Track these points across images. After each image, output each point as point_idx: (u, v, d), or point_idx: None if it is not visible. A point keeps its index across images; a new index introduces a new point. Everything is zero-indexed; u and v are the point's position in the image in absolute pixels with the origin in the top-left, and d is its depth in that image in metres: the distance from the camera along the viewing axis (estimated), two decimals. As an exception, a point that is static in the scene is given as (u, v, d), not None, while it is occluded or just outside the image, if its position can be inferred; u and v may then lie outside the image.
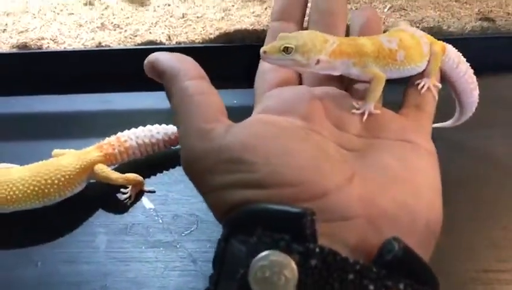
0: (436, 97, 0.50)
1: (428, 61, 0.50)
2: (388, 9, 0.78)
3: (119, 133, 0.60)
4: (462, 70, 0.56)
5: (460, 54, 0.56)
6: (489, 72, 0.75)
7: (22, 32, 0.75)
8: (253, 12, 0.77)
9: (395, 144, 0.42)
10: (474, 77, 0.58)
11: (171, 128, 0.62)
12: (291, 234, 0.31)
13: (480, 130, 0.66)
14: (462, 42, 0.75)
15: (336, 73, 0.46)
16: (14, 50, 0.73)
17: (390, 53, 0.47)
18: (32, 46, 0.73)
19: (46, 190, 0.53)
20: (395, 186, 0.38)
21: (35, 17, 0.78)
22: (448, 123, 0.63)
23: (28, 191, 0.53)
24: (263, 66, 0.50)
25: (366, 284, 0.30)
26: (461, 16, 0.77)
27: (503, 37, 0.76)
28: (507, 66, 0.76)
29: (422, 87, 0.50)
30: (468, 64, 0.57)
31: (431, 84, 0.50)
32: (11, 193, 0.52)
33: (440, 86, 0.52)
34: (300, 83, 0.50)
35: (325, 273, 0.30)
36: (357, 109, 0.44)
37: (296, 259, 0.30)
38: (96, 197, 0.58)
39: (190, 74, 0.43)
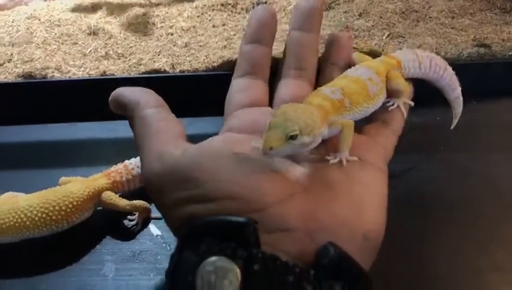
0: (405, 114, 0.52)
1: (396, 83, 0.53)
2: (386, 37, 0.80)
3: (126, 161, 0.60)
4: (438, 69, 0.58)
5: (432, 56, 0.58)
6: (486, 97, 0.77)
7: (26, 62, 0.76)
8: (254, 41, 0.78)
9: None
10: (453, 74, 0.60)
11: None
12: (237, 242, 0.34)
13: (481, 154, 0.68)
14: (459, 68, 0.77)
15: (325, 138, 0.47)
16: (20, 79, 0.73)
17: (339, 103, 0.48)
18: (37, 76, 0.74)
19: (54, 217, 0.54)
20: (338, 201, 0.41)
21: (39, 47, 0.79)
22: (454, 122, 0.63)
23: (36, 218, 0.53)
24: (232, 87, 0.54)
25: (304, 286, 0.33)
26: (458, 43, 0.79)
27: (499, 63, 0.77)
28: (504, 91, 0.77)
29: (392, 105, 0.52)
30: (446, 65, 0.60)
31: (400, 103, 0.53)
32: (19, 220, 0.52)
33: (412, 103, 0.54)
34: (270, 105, 0.54)
35: (267, 276, 0.33)
36: (334, 159, 0.45)
37: (240, 264, 0.33)
38: (104, 225, 0.58)
39: (150, 103, 0.47)
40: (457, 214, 0.60)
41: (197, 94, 0.75)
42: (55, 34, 0.81)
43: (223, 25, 0.82)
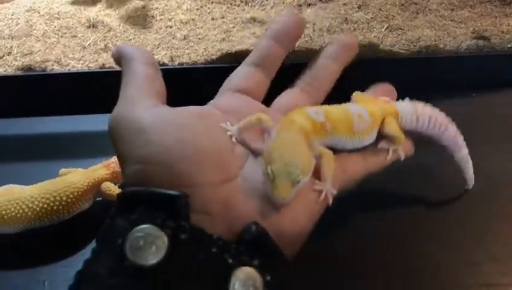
0: (389, 160, 0.53)
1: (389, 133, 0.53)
2: (385, 29, 0.80)
3: None
4: (436, 126, 0.58)
5: (433, 113, 0.58)
6: (485, 90, 0.78)
7: (26, 54, 0.76)
8: (253, 33, 0.78)
9: None
10: (456, 134, 0.59)
11: None
12: (167, 212, 0.37)
13: (479, 147, 0.67)
14: (458, 60, 0.78)
15: None
16: (19, 72, 0.74)
17: (321, 126, 0.49)
18: (37, 68, 0.74)
19: (55, 207, 0.54)
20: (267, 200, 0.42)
21: (39, 40, 0.79)
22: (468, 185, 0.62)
23: (38, 209, 0.53)
24: (236, 70, 0.57)
25: (226, 258, 0.36)
26: (457, 35, 0.79)
27: (498, 55, 0.78)
28: (502, 83, 0.78)
29: (381, 145, 0.53)
30: (448, 122, 0.59)
31: (391, 148, 0.53)
32: (21, 211, 0.53)
33: (402, 157, 0.54)
34: (265, 102, 0.57)
35: (193, 246, 0.36)
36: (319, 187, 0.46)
37: (169, 233, 0.35)
38: (103, 216, 0.58)
39: (142, 60, 0.50)
40: (452, 206, 0.60)
41: (196, 87, 0.75)
42: (55, 27, 0.81)
43: (222, 17, 0.82)
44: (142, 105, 0.45)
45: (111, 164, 0.59)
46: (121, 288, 0.34)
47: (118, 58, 0.52)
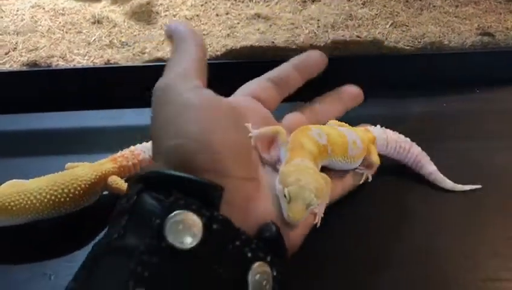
0: (361, 182, 0.58)
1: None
2: (390, 26, 0.80)
3: (132, 147, 0.61)
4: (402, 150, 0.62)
5: (399, 139, 0.62)
6: (489, 86, 0.78)
7: (31, 50, 0.76)
8: (258, 29, 0.79)
9: None
10: (418, 155, 0.62)
11: None
12: (201, 201, 0.38)
13: (483, 142, 0.68)
14: (462, 57, 0.78)
15: None
16: (25, 68, 0.74)
17: (324, 148, 0.53)
18: (42, 64, 0.74)
19: (62, 199, 0.54)
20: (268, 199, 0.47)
21: (44, 36, 0.79)
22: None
23: (45, 200, 0.54)
24: (253, 81, 0.60)
25: (245, 252, 0.39)
26: (461, 31, 0.79)
27: (503, 51, 0.78)
28: (507, 80, 0.78)
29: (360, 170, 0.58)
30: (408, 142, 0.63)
31: (367, 174, 0.58)
32: (29, 202, 0.53)
33: (370, 179, 0.58)
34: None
35: (222, 236, 0.38)
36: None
37: (204, 221, 0.37)
38: (108, 209, 0.58)
39: (195, 41, 0.51)
40: (457, 200, 0.60)
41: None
42: (60, 22, 0.81)
43: (227, 13, 0.83)
44: (191, 83, 0.47)
45: (118, 158, 0.60)
46: (157, 266, 0.35)
47: (170, 34, 0.53)
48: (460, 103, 0.76)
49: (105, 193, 0.59)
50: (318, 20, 0.80)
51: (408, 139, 0.62)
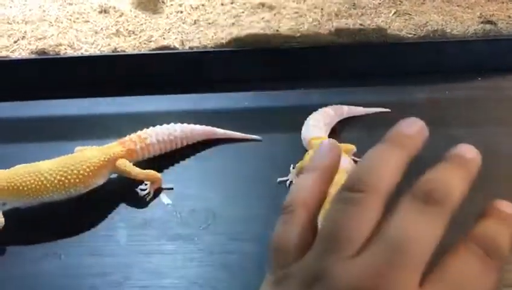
0: None
1: None
2: (393, 14, 0.81)
3: (139, 132, 0.62)
4: None
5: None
6: (491, 73, 0.78)
7: (40, 39, 0.78)
8: (262, 18, 0.80)
9: None
10: None
11: (188, 127, 0.65)
12: None
13: (486, 128, 0.69)
14: (465, 45, 0.78)
15: None
16: (33, 56, 0.75)
17: None
18: (51, 52, 0.76)
19: (72, 181, 0.56)
20: None
21: (52, 25, 0.81)
22: None
23: (56, 181, 0.55)
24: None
25: None
26: (464, 20, 0.80)
27: (505, 39, 0.78)
28: (509, 68, 0.78)
29: None
30: None
31: None
32: (40, 183, 0.55)
33: None
34: None
35: None
36: None
37: None
38: (117, 193, 0.60)
39: None
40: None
41: (206, 70, 0.77)
42: (67, 12, 0.83)
43: (231, 3, 0.84)
44: None
45: (126, 142, 0.61)
46: None
47: None
48: (463, 90, 0.77)
49: (113, 176, 0.60)
50: (322, 9, 0.81)
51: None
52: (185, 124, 0.65)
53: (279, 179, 0.61)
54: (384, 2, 0.83)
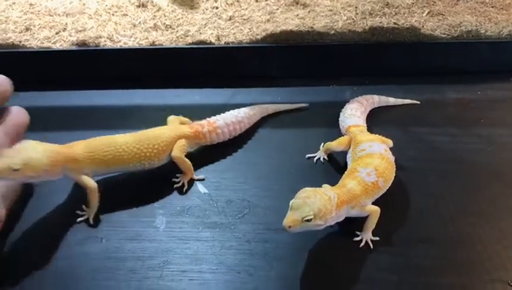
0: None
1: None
2: (427, 14, 0.81)
3: (208, 118, 0.66)
4: None
5: None
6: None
7: (80, 31, 0.80)
8: (297, 15, 0.81)
9: None
10: None
11: (246, 109, 0.69)
12: None
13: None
14: (499, 46, 0.79)
15: (341, 219, 0.54)
16: (74, 47, 0.78)
17: (373, 186, 0.56)
18: (91, 44, 0.78)
19: (147, 153, 0.59)
20: None
21: (91, 18, 0.83)
22: None
23: (132, 153, 0.58)
24: None
25: None
26: (498, 21, 0.80)
27: (540, 41, 0.78)
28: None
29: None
30: None
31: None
32: (118, 153, 0.58)
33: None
34: None
35: None
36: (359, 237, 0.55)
37: None
38: (156, 181, 0.62)
39: None
40: (486, 184, 0.62)
41: (242, 65, 0.79)
42: (106, 5, 0.85)
43: (266, 0, 0.85)
44: None
45: (195, 125, 0.64)
46: None
47: None
48: (495, 91, 0.77)
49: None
50: (356, 8, 0.82)
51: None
52: (242, 108, 0.68)
53: (307, 155, 0.66)
54: (418, 2, 0.84)
